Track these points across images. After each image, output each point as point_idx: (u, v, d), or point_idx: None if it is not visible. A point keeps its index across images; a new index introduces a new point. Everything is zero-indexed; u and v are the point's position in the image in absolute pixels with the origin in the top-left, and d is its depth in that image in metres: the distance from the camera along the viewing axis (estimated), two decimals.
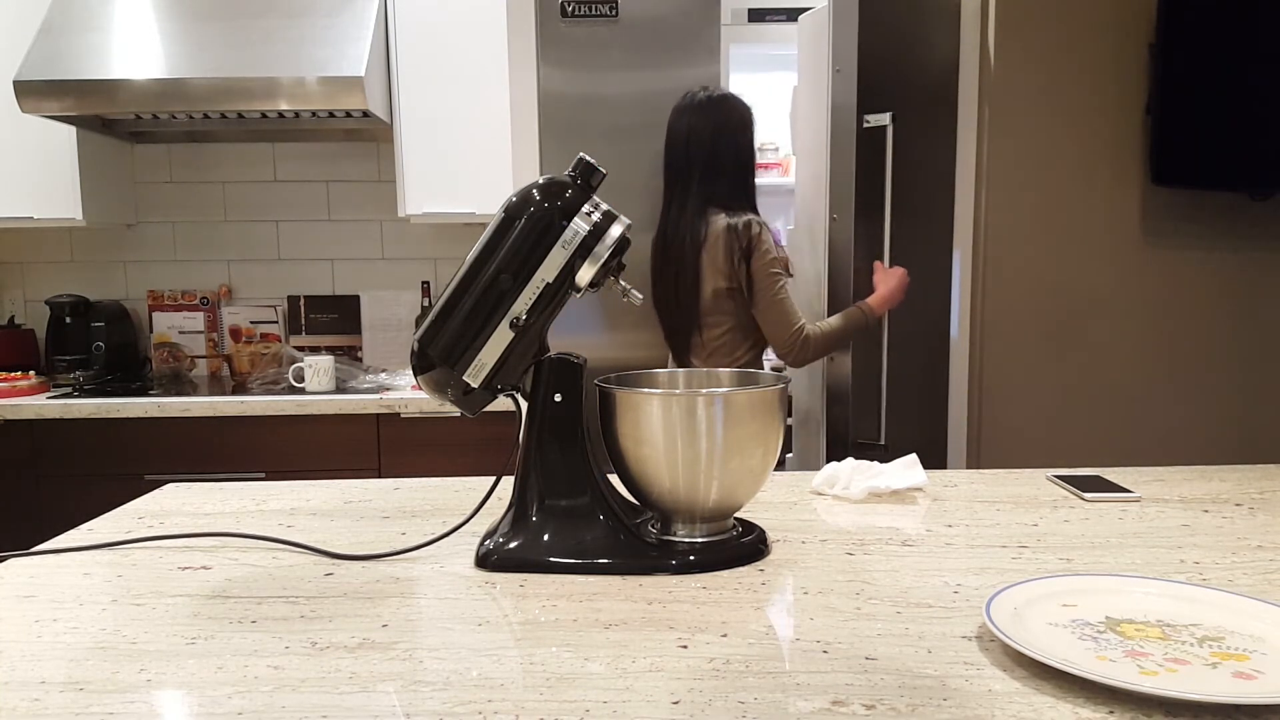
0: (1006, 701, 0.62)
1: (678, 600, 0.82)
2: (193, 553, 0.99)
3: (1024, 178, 2.38)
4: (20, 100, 2.40)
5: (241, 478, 2.47)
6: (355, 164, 3.01)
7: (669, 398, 0.91)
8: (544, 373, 0.94)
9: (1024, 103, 2.35)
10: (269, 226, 3.03)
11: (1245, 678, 0.63)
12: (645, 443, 0.92)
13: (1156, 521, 1.07)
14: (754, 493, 0.98)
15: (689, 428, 0.90)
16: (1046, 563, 0.92)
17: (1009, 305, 2.41)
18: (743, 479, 0.94)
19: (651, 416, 0.91)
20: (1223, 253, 2.45)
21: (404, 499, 1.21)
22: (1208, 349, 2.47)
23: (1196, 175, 2.36)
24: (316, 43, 2.47)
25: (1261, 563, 0.92)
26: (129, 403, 2.44)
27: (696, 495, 0.93)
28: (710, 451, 0.90)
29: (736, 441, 0.91)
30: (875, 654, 0.70)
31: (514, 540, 0.93)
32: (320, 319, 3.02)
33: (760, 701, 0.62)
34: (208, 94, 2.43)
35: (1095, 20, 2.34)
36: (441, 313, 0.92)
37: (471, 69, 2.63)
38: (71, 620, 0.79)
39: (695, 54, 2.35)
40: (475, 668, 0.68)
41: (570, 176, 0.93)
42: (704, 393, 0.90)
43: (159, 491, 1.27)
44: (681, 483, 0.92)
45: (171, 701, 0.64)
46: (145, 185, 3.01)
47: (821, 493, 1.21)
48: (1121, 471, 1.31)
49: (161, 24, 2.51)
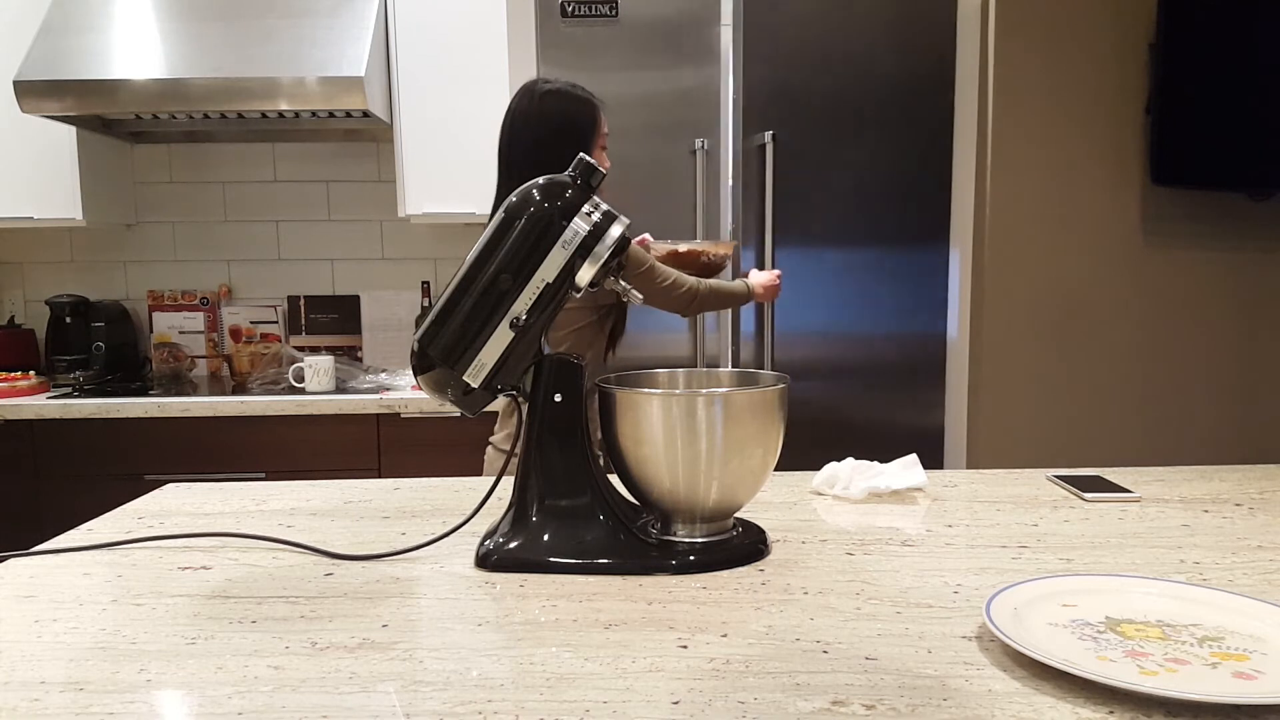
0: (1006, 701, 0.62)
1: (678, 600, 0.82)
2: (193, 553, 0.99)
3: (1024, 177, 2.38)
4: (20, 100, 2.40)
5: (241, 478, 2.47)
6: (355, 164, 3.01)
7: (669, 398, 0.91)
8: (544, 373, 0.94)
9: (1024, 102, 2.35)
10: (269, 226, 3.03)
11: (1245, 678, 0.63)
12: (645, 443, 0.92)
13: (1156, 521, 1.07)
14: (754, 493, 0.98)
15: (689, 428, 0.90)
16: (1046, 563, 0.92)
17: (1009, 305, 2.41)
18: (743, 479, 0.94)
19: (651, 416, 0.91)
20: (1223, 253, 2.45)
21: (404, 499, 1.21)
22: (1208, 349, 2.47)
23: (1196, 175, 2.36)
24: (316, 43, 2.47)
25: (1261, 563, 0.92)
26: (129, 403, 2.44)
27: (696, 495, 0.93)
28: (710, 451, 0.90)
29: (736, 441, 0.91)
30: (875, 654, 0.70)
31: (514, 540, 0.93)
32: (320, 319, 3.02)
33: (760, 701, 0.62)
34: (208, 94, 2.43)
35: (1095, 20, 2.34)
36: (441, 313, 0.92)
37: (471, 69, 2.63)
38: (71, 620, 0.79)
39: (695, 54, 2.35)
40: (475, 668, 0.68)
41: (570, 176, 0.93)
42: (704, 393, 0.90)
43: (159, 491, 1.27)
44: (681, 483, 0.92)
45: (171, 701, 0.64)
46: (145, 185, 3.01)
47: (821, 493, 1.21)
48: (1121, 471, 1.31)
49: (161, 24, 2.51)
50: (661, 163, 2.38)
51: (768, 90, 2.32)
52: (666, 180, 2.37)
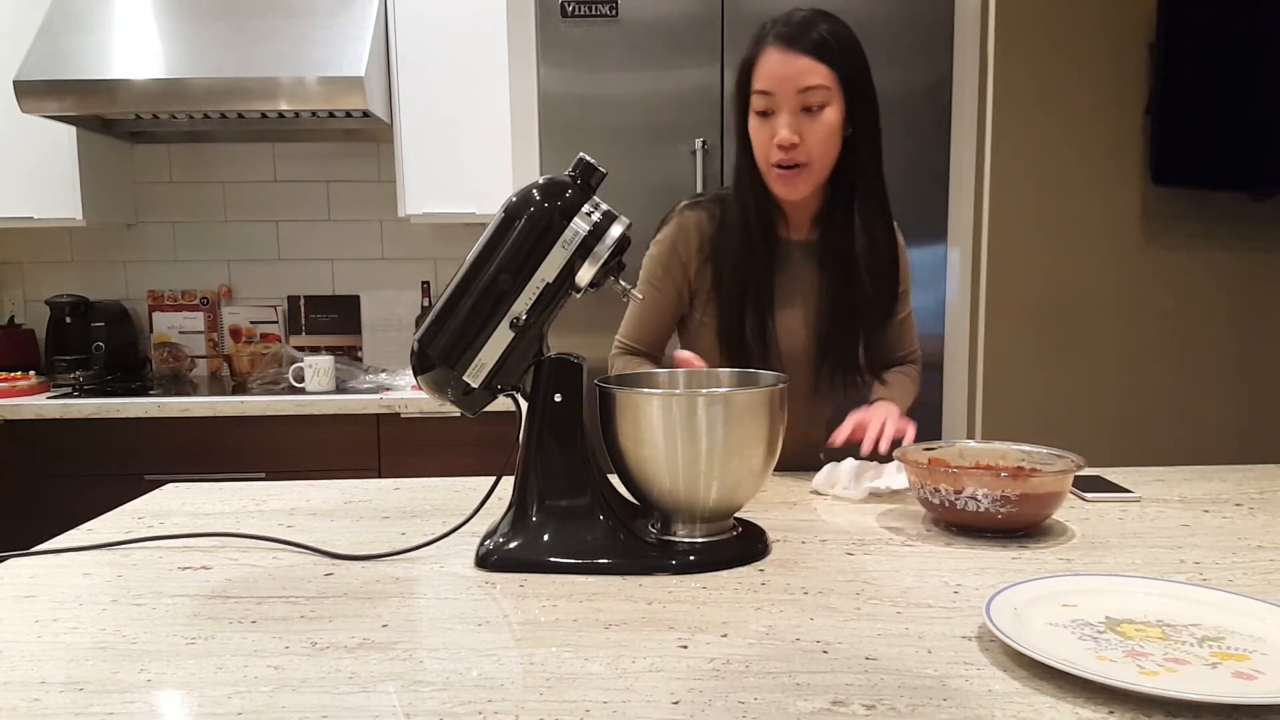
0: (1006, 701, 0.62)
1: (678, 600, 0.82)
2: (193, 553, 0.99)
3: (1024, 177, 2.38)
4: (20, 100, 2.40)
5: (241, 478, 2.47)
6: (355, 164, 3.01)
7: (669, 398, 0.91)
8: (544, 373, 0.94)
9: (1024, 103, 2.35)
10: (269, 226, 3.03)
11: (1245, 678, 0.63)
12: (645, 443, 0.92)
13: (1156, 521, 1.07)
14: (754, 492, 0.98)
15: (689, 428, 0.90)
16: (1046, 563, 0.92)
17: (1008, 305, 2.41)
18: (743, 479, 0.94)
19: (651, 416, 0.91)
20: (1223, 253, 2.45)
21: (404, 499, 1.21)
22: (1207, 349, 2.47)
23: (1196, 175, 2.36)
24: (316, 43, 2.47)
25: (1261, 563, 0.92)
26: (129, 403, 2.44)
27: (696, 495, 0.93)
28: (710, 451, 0.90)
29: (736, 442, 0.91)
30: (875, 654, 0.70)
31: (514, 540, 0.93)
32: (320, 319, 3.02)
33: (760, 701, 0.62)
34: (208, 94, 2.42)
35: (1095, 20, 2.34)
36: (441, 313, 0.92)
37: (471, 69, 2.63)
38: (71, 620, 0.79)
39: (695, 54, 2.35)
40: (475, 668, 0.68)
41: (570, 176, 0.93)
42: (704, 393, 0.90)
43: (159, 491, 1.27)
44: (681, 483, 0.92)
45: (171, 701, 0.64)
46: (145, 185, 3.00)
47: (821, 493, 1.21)
48: (1121, 471, 1.31)
49: (161, 24, 2.51)
50: (661, 163, 2.38)
51: None
52: (666, 180, 2.37)
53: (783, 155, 1.24)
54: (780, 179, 1.26)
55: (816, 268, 1.35)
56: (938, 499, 1.00)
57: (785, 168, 1.25)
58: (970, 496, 0.97)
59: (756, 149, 1.28)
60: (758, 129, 1.26)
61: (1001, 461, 1.09)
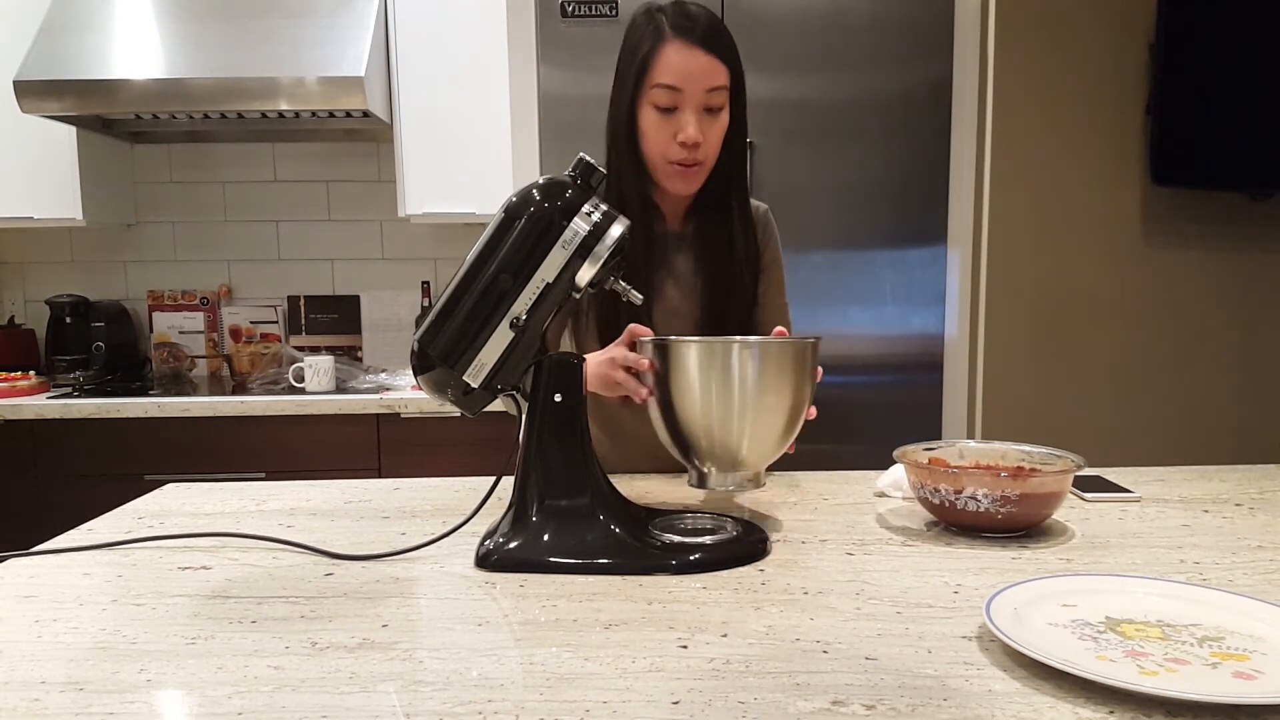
0: (1006, 701, 0.62)
1: (678, 600, 0.82)
2: (193, 553, 0.99)
3: (1024, 177, 2.38)
4: (20, 100, 2.40)
5: (241, 478, 2.47)
6: (355, 164, 3.01)
7: (709, 345, 1.00)
8: (544, 373, 0.94)
9: (1024, 103, 2.35)
10: (269, 226, 3.03)
11: (1245, 678, 0.63)
12: (683, 391, 1.00)
13: (1156, 521, 1.07)
14: (788, 440, 1.04)
15: (724, 377, 0.98)
16: (1046, 563, 0.92)
17: (1008, 305, 2.41)
18: (773, 429, 1.01)
19: (689, 365, 0.99)
20: (1223, 253, 2.45)
21: (404, 499, 1.21)
22: (1208, 349, 2.47)
23: (1196, 175, 2.36)
24: (316, 43, 2.47)
25: (1261, 563, 0.92)
26: (129, 403, 2.44)
27: (730, 439, 1.00)
28: (743, 398, 0.98)
29: (769, 389, 0.99)
30: (875, 654, 0.70)
31: (514, 540, 0.93)
32: (320, 319, 3.02)
33: (760, 701, 0.62)
34: (208, 94, 2.43)
35: (1095, 20, 2.34)
36: (441, 313, 0.92)
37: (471, 69, 2.63)
38: (71, 620, 0.79)
39: None
40: (475, 668, 0.68)
41: (570, 176, 0.93)
42: (738, 340, 1.00)
43: (159, 491, 1.27)
44: (715, 427, 0.99)
45: (171, 701, 0.64)
46: (145, 185, 3.01)
47: (888, 495, 1.19)
48: (1121, 471, 1.31)
49: (161, 24, 2.51)
50: None
51: (767, 90, 2.32)
52: None
53: (686, 154, 1.23)
54: (680, 175, 1.26)
55: (692, 260, 1.36)
56: (938, 499, 1.00)
57: (686, 165, 1.25)
58: (970, 496, 0.97)
59: (652, 143, 1.25)
60: (657, 124, 1.23)
61: (1001, 461, 1.09)
